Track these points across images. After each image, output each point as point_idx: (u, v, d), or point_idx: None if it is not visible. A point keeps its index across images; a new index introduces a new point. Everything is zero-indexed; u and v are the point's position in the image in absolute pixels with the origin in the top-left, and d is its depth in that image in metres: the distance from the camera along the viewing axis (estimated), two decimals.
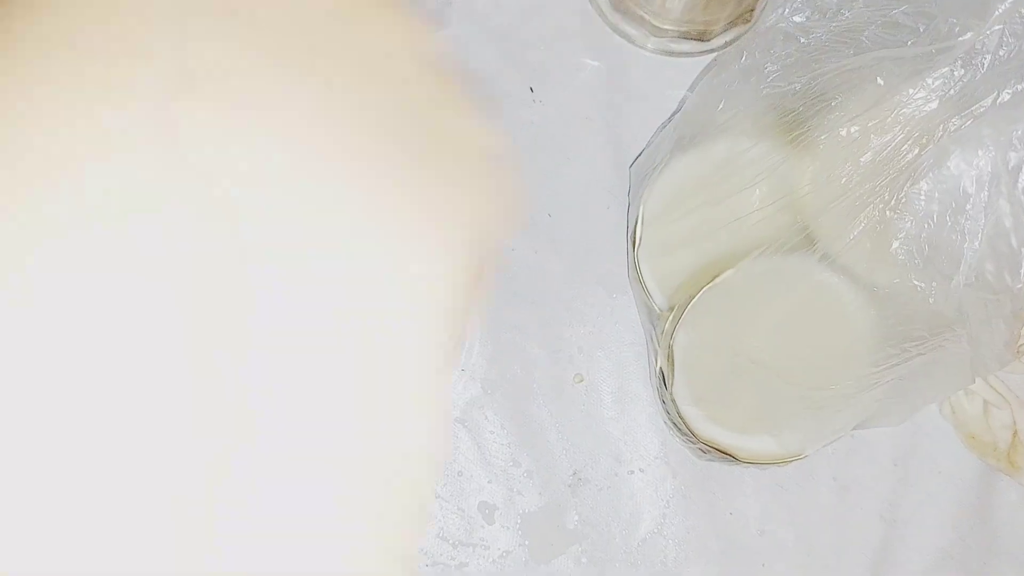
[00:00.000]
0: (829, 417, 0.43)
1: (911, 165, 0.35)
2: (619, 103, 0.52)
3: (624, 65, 0.53)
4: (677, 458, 0.48)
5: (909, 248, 0.35)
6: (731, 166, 0.43)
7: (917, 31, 0.35)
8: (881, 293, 0.37)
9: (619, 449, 0.48)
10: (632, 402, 0.48)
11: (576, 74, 0.53)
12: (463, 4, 0.53)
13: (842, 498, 0.48)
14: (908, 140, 0.35)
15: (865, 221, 0.36)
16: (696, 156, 0.44)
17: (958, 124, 0.34)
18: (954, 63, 0.34)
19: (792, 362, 0.42)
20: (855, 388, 0.41)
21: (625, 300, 0.49)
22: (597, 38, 0.53)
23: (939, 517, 0.48)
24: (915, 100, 0.35)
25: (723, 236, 0.43)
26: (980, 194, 0.33)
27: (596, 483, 0.47)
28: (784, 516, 0.48)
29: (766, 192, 0.41)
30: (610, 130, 0.52)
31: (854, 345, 0.40)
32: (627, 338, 0.49)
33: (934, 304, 0.35)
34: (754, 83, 0.41)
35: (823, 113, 0.38)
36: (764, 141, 0.41)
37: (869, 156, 0.37)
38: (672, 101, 0.52)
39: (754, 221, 0.42)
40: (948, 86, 0.35)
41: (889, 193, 0.35)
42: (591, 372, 0.49)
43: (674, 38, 0.52)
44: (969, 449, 0.49)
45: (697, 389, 0.44)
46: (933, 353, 0.37)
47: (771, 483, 0.48)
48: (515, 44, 0.53)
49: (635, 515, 0.47)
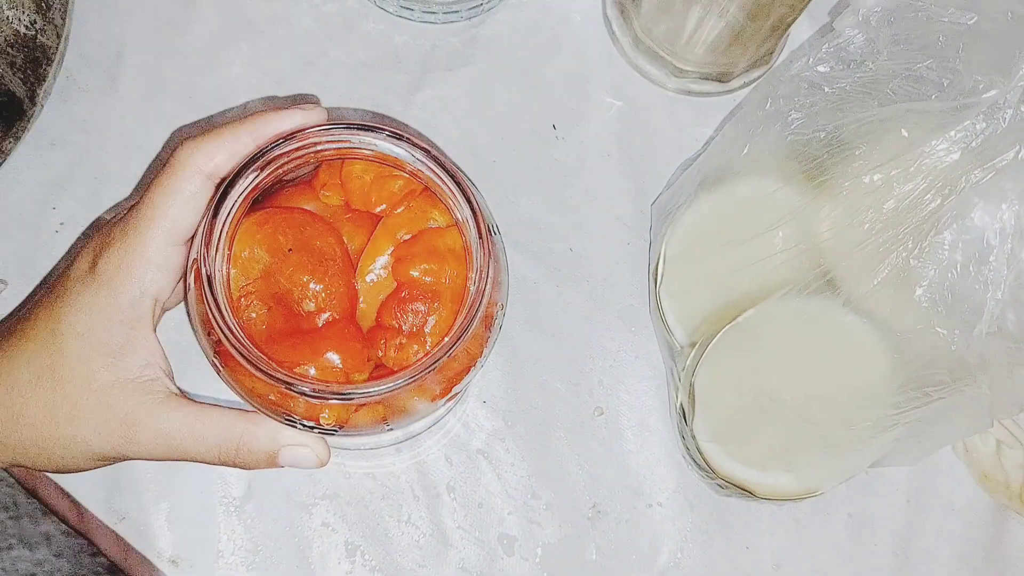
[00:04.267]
0: (847, 456, 0.44)
1: (934, 214, 0.36)
2: (640, 141, 0.53)
3: (645, 104, 0.54)
4: (695, 493, 0.48)
5: (932, 296, 0.36)
6: (754, 208, 0.43)
7: (941, 85, 0.36)
8: (903, 338, 0.38)
9: (638, 483, 0.48)
10: (651, 436, 0.49)
11: (598, 112, 0.54)
12: (488, 41, 0.54)
13: (857, 534, 0.49)
14: (931, 190, 0.36)
15: (889, 268, 0.37)
16: (720, 197, 0.45)
17: (980, 176, 0.35)
18: (976, 117, 0.35)
19: (812, 402, 0.42)
20: (874, 429, 0.41)
21: (645, 335, 0.50)
22: (619, 77, 0.54)
23: (952, 554, 0.49)
24: (938, 151, 0.36)
25: (745, 276, 0.43)
26: (1004, 246, 0.34)
27: (615, 516, 0.48)
28: (800, 552, 0.48)
29: (788, 235, 0.42)
30: (630, 168, 0.53)
31: (874, 387, 0.41)
32: (647, 373, 0.50)
33: (956, 351, 0.36)
34: (778, 129, 0.42)
35: (847, 161, 0.39)
36: (787, 185, 0.42)
37: (892, 204, 0.37)
38: (692, 140, 0.53)
39: (776, 263, 0.42)
40: (970, 138, 0.36)
41: (913, 241, 0.36)
42: (611, 406, 0.49)
43: (695, 79, 0.53)
44: (982, 488, 0.49)
45: (717, 425, 0.45)
46: (953, 397, 0.38)
47: (787, 519, 0.49)
48: (539, 82, 0.54)
49: (653, 548, 0.48)
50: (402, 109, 0.52)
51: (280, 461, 0.35)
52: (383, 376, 0.32)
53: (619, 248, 0.52)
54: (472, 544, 0.47)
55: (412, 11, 0.53)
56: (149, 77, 0.51)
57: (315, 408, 0.33)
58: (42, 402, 0.33)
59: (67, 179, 0.49)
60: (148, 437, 0.34)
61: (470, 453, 0.48)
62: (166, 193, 0.33)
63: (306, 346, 0.32)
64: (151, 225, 0.33)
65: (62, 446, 0.34)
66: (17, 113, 0.44)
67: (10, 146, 0.44)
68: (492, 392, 0.49)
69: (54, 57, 0.45)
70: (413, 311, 0.33)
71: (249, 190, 0.32)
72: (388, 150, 0.33)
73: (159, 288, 0.34)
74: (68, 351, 0.33)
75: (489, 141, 0.52)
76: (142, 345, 0.34)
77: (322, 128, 0.33)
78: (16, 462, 0.35)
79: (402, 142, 0.33)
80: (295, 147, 0.32)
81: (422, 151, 0.33)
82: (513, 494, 0.48)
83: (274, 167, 0.32)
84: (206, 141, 0.33)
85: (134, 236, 0.33)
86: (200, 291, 0.31)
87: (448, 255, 0.34)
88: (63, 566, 0.44)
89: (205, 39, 0.52)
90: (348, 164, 0.34)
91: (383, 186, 0.34)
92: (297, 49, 0.53)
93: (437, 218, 0.35)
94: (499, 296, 0.35)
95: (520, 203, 0.52)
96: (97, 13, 0.52)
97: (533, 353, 0.49)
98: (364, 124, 0.33)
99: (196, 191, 0.33)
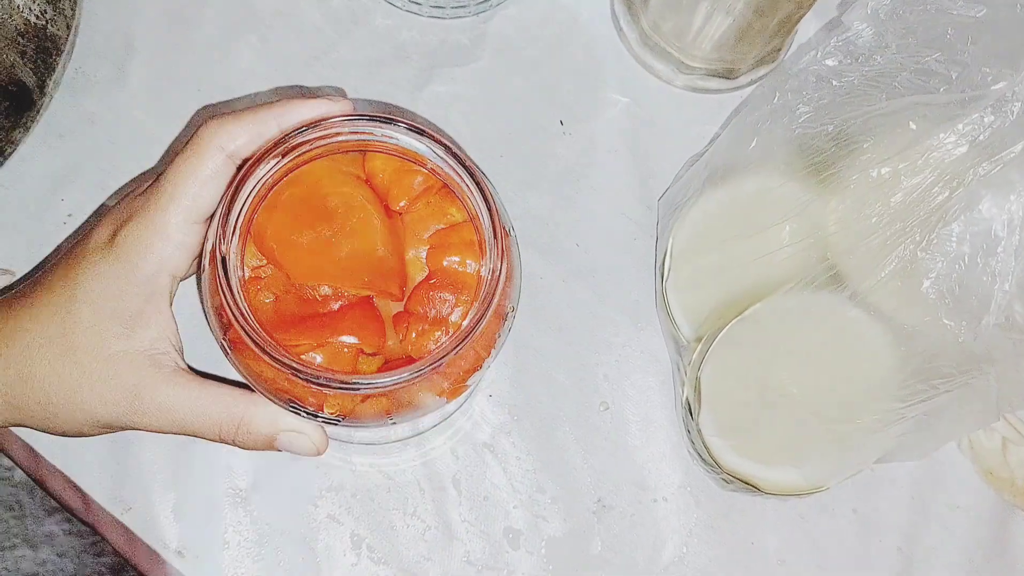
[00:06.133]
0: (853, 450, 0.44)
1: (942, 207, 0.36)
2: (646, 137, 0.53)
3: (652, 100, 0.54)
4: (700, 487, 0.48)
5: (940, 288, 0.36)
6: (761, 202, 0.44)
7: (950, 78, 0.36)
8: (910, 330, 0.38)
9: (643, 477, 0.48)
10: (657, 431, 0.49)
11: (605, 108, 0.54)
12: (496, 37, 0.54)
13: (861, 530, 0.49)
14: (939, 183, 0.37)
15: (896, 260, 0.37)
16: (727, 192, 0.45)
17: (988, 169, 0.35)
18: (984, 109, 0.36)
19: (818, 396, 0.43)
20: (880, 423, 0.41)
21: (651, 330, 0.50)
22: (626, 74, 0.54)
23: (956, 551, 0.49)
24: (946, 144, 0.36)
25: (752, 271, 0.43)
26: (1011, 238, 0.34)
27: (620, 510, 0.48)
28: (804, 547, 0.48)
29: (795, 229, 0.42)
30: (637, 163, 0.53)
31: (880, 380, 0.41)
32: (652, 368, 0.50)
33: (963, 343, 0.36)
34: (786, 123, 0.42)
35: (854, 155, 0.39)
36: (794, 179, 0.42)
37: (900, 197, 0.38)
38: (698, 136, 0.54)
39: (783, 257, 0.43)
40: (978, 131, 0.36)
41: (920, 233, 0.36)
42: (616, 400, 0.49)
43: (702, 75, 0.53)
44: (987, 484, 0.49)
45: (722, 420, 0.45)
46: (959, 390, 0.38)
47: (792, 514, 0.49)
48: (546, 78, 0.54)
49: (658, 543, 0.48)
50: (410, 104, 0.52)
51: (278, 445, 0.35)
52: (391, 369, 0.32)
53: (625, 243, 0.52)
54: (477, 537, 0.47)
55: (421, 6, 0.53)
56: (158, 69, 0.52)
57: (320, 396, 0.33)
58: (51, 366, 0.34)
59: (75, 170, 0.49)
60: (152, 409, 0.34)
61: (476, 447, 0.48)
62: (187, 171, 0.33)
63: (324, 327, 0.32)
64: (171, 202, 0.33)
65: (67, 411, 0.34)
66: (27, 103, 0.44)
67: (19, 136, 0.44)
68: (498, 386, 0.49)
69: (63, 47, 0.45)
70: (441, 299, 0.33)
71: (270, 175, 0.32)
72: (409, 144, 0.33)
73: (176, 265, 0.34)
74: (81, 317, 0.33)
75: (496, 136, 0.53)
76: (155, 319, 0.34)
77: (346, 118, 0.33)
78: (20, 422, 0.35)
79: (424, 137, 0.33)
80: (318, 135, 0.32)
81: (443, 147, 0.33)
82: (519, 488, 0.48)
83: (295, 154, 0.32)
84: (230, 121, 0.33)
85: (155, 211, 0.33)
86: (214, 274, 0.31)
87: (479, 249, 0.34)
88: (66, 566, 0.45)
89: (214, 32, 0.53)
90: (370, 157, 0.35)
91: (402, 180, 0.34)
92: (305, 43, 0.53)
93: (454, 214, 0.35)
94: (511, 297, 0.35)
95: (527, 198, 0.52)
96: (106, 5, 0.52)
97: (539, 347, 0.50)
98: (387, 117, 0.33)
99: (217, 170, 0.33)
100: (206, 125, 0.34)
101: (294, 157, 0.33)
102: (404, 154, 0.34)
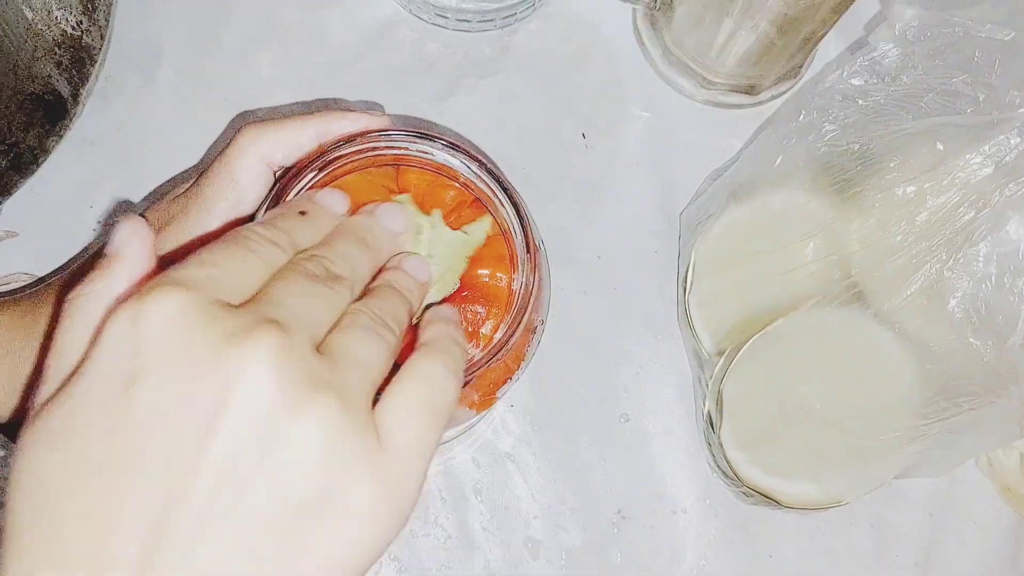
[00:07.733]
0: (873, 466, 0.44)
1: (967, 227, 0.37)
2: (667, 152, 0.54)
3: (673, 115, 0.55)
4: (719, 500, 0.49)
5: (966, 307, 0.36)
6: (785, 219, 0.44)
7: (976, 100, 0.37)
8: (935, 349, 0.38)
9: (663, 489, 0.49)
10: (676, 443, 0.49)
11: (627, 122, 0.54)
12: (520, 50, 0.55)
13: (879, 545, 0.49)
14: (964, 203, 0.37)
15: (922, 279, 0.37)
16: (751, 208, 0.46)
17: (1014, 190, 0.36)
18: (1010, 131, 0.36)
19: (840, 411, 0.43)
20: (901, 439, 0.42)
21: (672, 343, 0.51)
22: (648, 88, 0.55)
23: (973, 567, 0.49)
24: (971, 165, 0.37)
25: (775, 286, 0.44)
26: None
27: (639, 522, 0.48)
28: (822, 561, 0.49)
29: (819, 246, 0.43)
30: (658, 177, 0.53)
31: (903, 397, 0.41)
32: (673, 380, 0.50)
33: (988, 362, 0.36)
34: (811, 141, 0.42)
35: (879, 174, 0.40)
36: (818, 197, 0.43)
37: (925, 216, 0.38)
38: (720, 151, 0.54)
39: (806, 274, 0.43)
40: (1004, 152, 0.36)
41: (947, 253, 0.37)
42: (637, 412, 0.50)
43: (724, 91, 0.54)
44: (1005, 501, 0.50)
45: (743, 434, 0.45)
46: (982, 409, 0.38)
47: (811, 528, 0.49)
48: (569, 91, 0.54)
49: (677, 554, 0.48)
50: (434, 115, 0.53)
51: None
52: None
53: (646, 257, 0.52)
54: (498, 547, 0.47)
55: (447, 19, 0.53)
56: (185, 78, 0.52)
57: None
58: None
59: (104, 178, 0.50)
60: None
61: (497, 456, 0.48)
62: (225, 177, 0.33)
63: None
64: (210, 209, 0.33)
65: None
66: (61, 112, 0.45)
67: (52, 144, 0.45)
68: (520, 397, 0.49)
69: (97, 57, 0.46)
70: (472, 312, 0.33)
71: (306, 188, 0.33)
72: (444, 160, 0.34)
73: None
74: None
75: (519, 149, 0.53)
76: None
77: (382, 133, 0.33)
78: (16, 419, 0.35)
79: (458, 153, 0.33)
80: (355, 150, 0.33)
81: (477, 163, 0.33)
82: (539, 498, 0.48)
83: (332, 168, 0.33)
84: (270, 128, 0.33)
85: (195, 216, 0.33)
86: None
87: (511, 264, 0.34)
88: None
89: (240, 42, 0.53)
90: (404, 172, 0.35)
91: (436, 195, 0.35)
92: (331, 54, 0.53)
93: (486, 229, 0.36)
94: (540, 310, 0.36)
95: (548, 211, 0.52)
96: (136, 15, 0.52)
97: (561, 359, 0.50)
98: (424, 133, 0.33)
99: (255, 178, 0.33)
100: (245, 130, 0.33)
101: (331, 170, 0.33)
102: (439, 169, 0.34)
